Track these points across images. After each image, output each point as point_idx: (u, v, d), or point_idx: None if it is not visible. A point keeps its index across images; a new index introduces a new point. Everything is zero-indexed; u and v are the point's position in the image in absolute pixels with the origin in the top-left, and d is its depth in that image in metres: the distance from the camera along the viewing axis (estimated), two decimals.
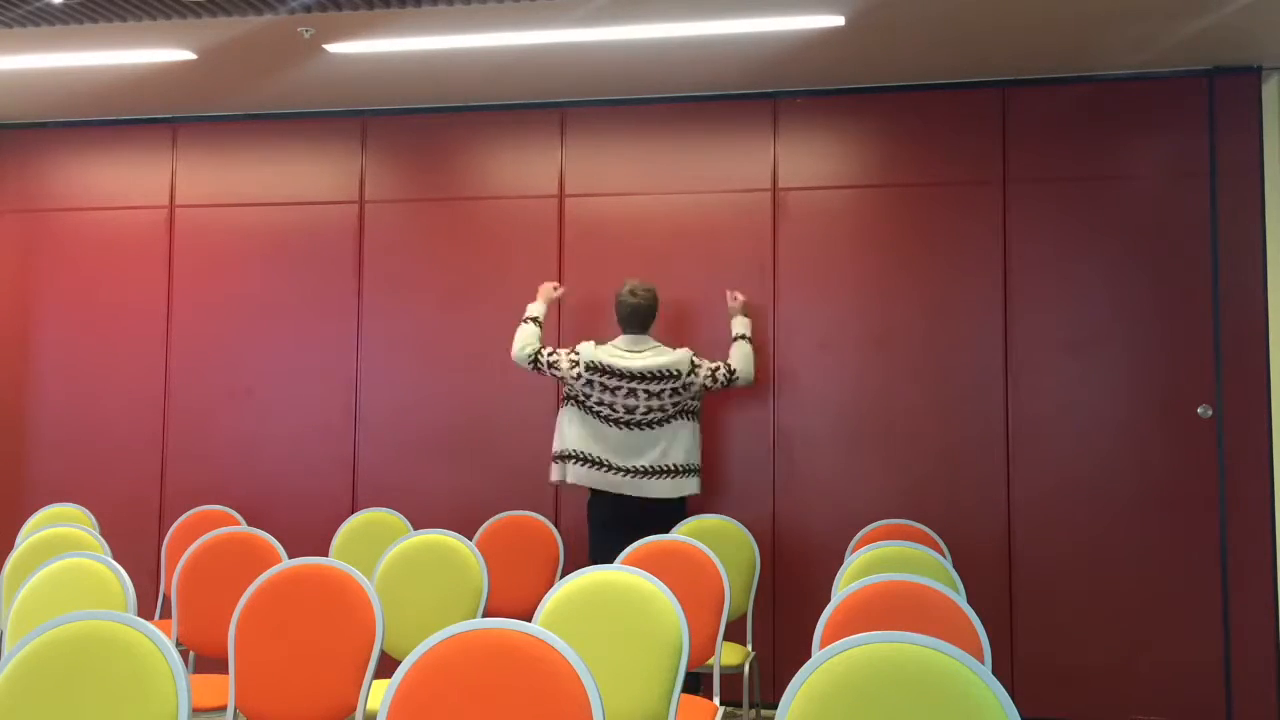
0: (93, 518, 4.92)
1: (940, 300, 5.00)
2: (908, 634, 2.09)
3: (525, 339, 4.67)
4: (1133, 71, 4.88)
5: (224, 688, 3.00)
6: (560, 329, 5.27)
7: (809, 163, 5.17)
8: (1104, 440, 4.83)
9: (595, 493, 4.56)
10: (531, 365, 4.62)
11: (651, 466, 4.46)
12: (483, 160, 5.44)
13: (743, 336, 4.78)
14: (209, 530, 4.04)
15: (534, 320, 4.75)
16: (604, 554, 4.42)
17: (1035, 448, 4.89)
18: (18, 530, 4.92)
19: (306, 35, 4.52)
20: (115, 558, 3.41)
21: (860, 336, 5.05)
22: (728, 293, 4.97)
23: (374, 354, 5.45)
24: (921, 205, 5.05)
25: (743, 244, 5.17)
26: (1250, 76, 4.81)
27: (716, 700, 3.41)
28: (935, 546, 4.32)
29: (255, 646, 2.91)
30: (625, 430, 4.49)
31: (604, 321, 5.20)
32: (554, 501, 5.15)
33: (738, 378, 4.65)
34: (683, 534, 4.18)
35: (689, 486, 4.52)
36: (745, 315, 4.90)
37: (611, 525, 4.50)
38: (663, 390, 4.47)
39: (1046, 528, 4.86)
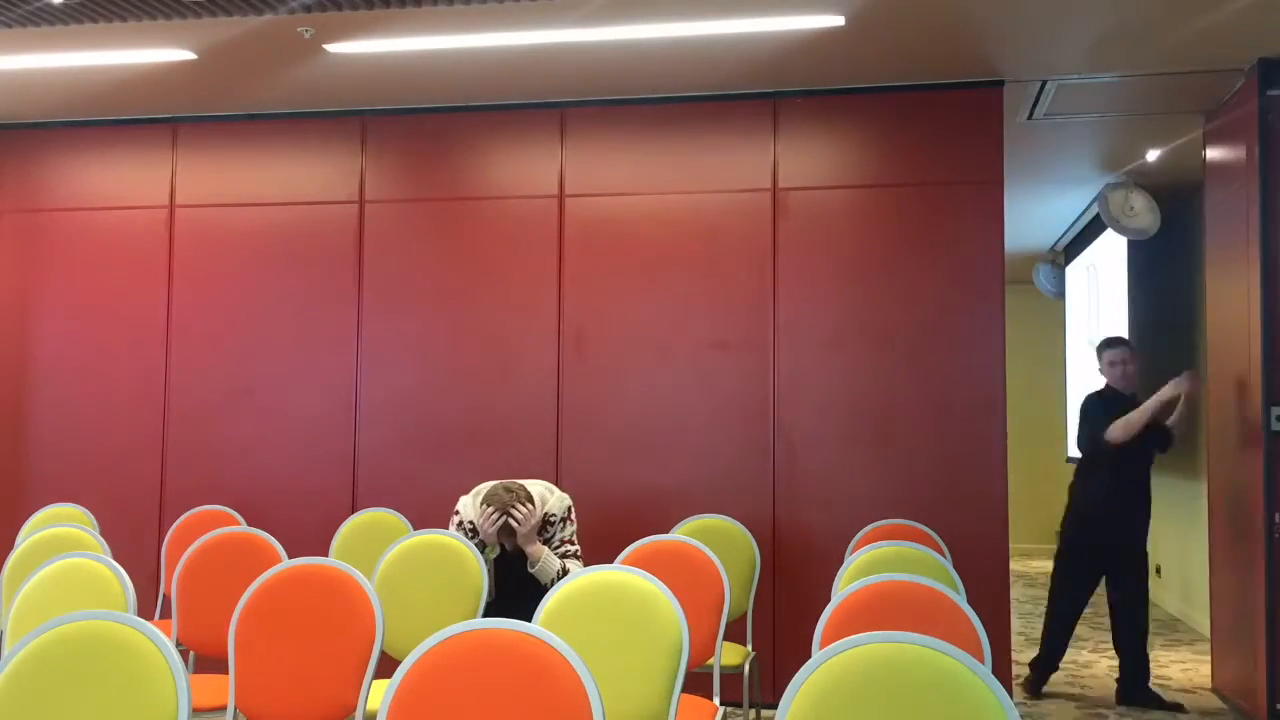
0: (93, 518, 4.92)
1: (940, 299, 5.00)
2: (908, 634, 2.09)
3: None
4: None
5: (224, 688, 3.00)
6: (560, 334, 5.27)
7: (810, 163, 5.17)
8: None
9: None
10: None
11: None
12: (483, 160, 5.44)
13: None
14: (209, 530, 4.03)
15: None
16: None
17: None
18: (18, 530, 4.91)
19: (306, 35, 4.52)
20: (115, 558, 3.41)
21: (860, 336, 5.05)
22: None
23: (374, 354, 5.45)
24: (920, 205, 5.05)
25: (743, 243, 5.17)
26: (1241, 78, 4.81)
27: (716, 700, 3.41)
28: (935, 546, 4.32)
29: (255, 646, 2.90)
30: None
31: (600, 323, 5.21)
32: None
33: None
34: (683, 534, 4.18)
35: None
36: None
37: None
38: None
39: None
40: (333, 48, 4.66)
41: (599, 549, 4.40)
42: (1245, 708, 4.91)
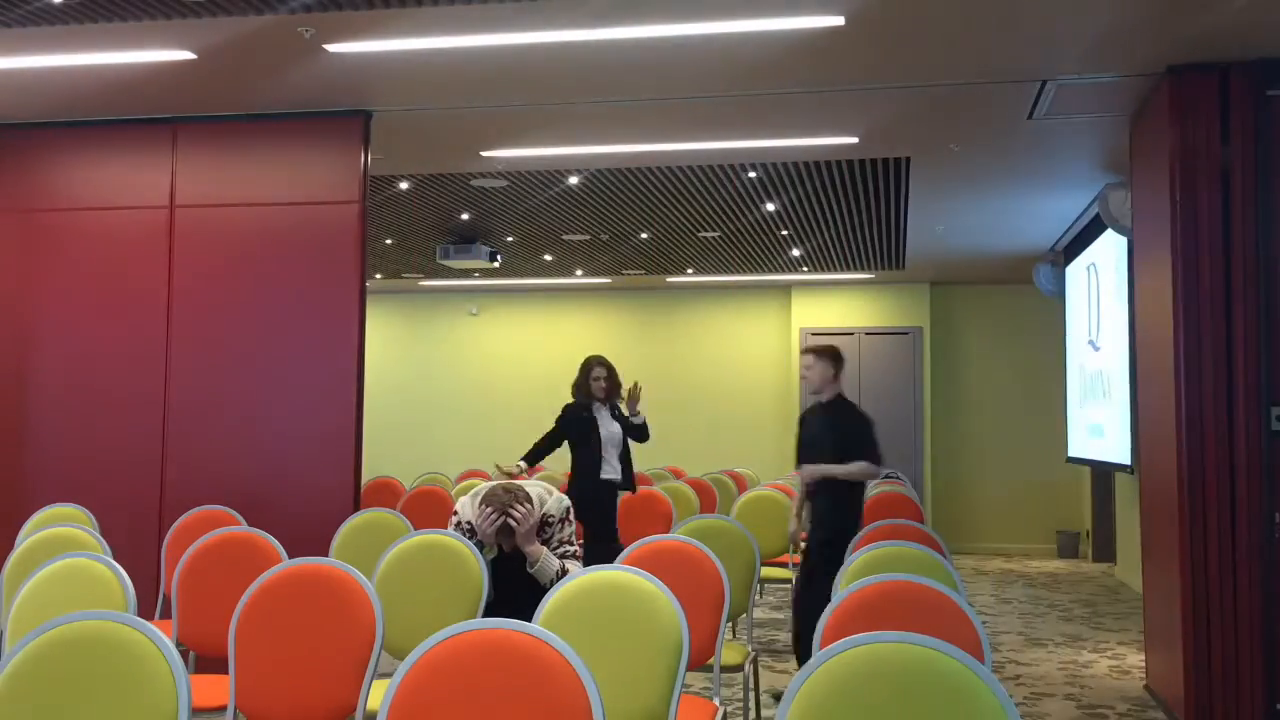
0: (93, 518, 4.92)
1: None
2: (908, 634, 2.09)
3: None
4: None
5: (224, 688, 3.00)
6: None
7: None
8: None
9: None
10: None
11: None
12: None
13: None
14: (209, 530, 4.03)
15: None
16: None
17: None
18: (18, 530, 4.91)
19: (306, 35, 4.51)
20: (115, 558, 3.41)
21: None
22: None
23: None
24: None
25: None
26: None
27: (717, 700, 3.41)
28: (935, 546, 4.32)
29: (255, 646, 2.91)
30: None
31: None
32: None
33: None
34: (683, 534, 4.18)
35: None
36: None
37: None
38: None
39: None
40: (333, 48, 4.66)
41: None
42: (1170, 703, 4.93)
